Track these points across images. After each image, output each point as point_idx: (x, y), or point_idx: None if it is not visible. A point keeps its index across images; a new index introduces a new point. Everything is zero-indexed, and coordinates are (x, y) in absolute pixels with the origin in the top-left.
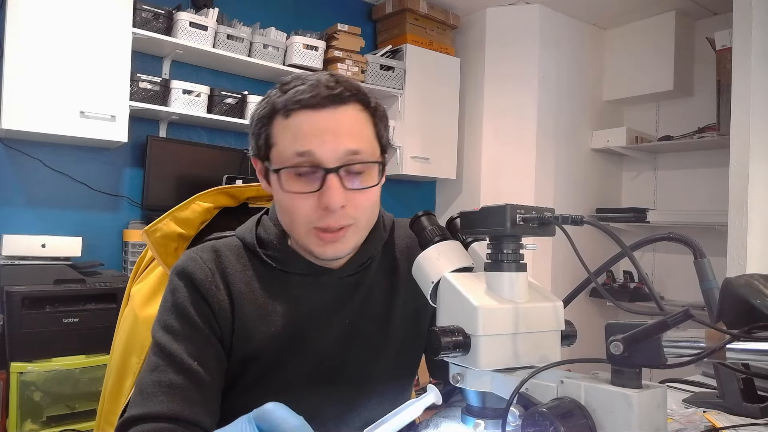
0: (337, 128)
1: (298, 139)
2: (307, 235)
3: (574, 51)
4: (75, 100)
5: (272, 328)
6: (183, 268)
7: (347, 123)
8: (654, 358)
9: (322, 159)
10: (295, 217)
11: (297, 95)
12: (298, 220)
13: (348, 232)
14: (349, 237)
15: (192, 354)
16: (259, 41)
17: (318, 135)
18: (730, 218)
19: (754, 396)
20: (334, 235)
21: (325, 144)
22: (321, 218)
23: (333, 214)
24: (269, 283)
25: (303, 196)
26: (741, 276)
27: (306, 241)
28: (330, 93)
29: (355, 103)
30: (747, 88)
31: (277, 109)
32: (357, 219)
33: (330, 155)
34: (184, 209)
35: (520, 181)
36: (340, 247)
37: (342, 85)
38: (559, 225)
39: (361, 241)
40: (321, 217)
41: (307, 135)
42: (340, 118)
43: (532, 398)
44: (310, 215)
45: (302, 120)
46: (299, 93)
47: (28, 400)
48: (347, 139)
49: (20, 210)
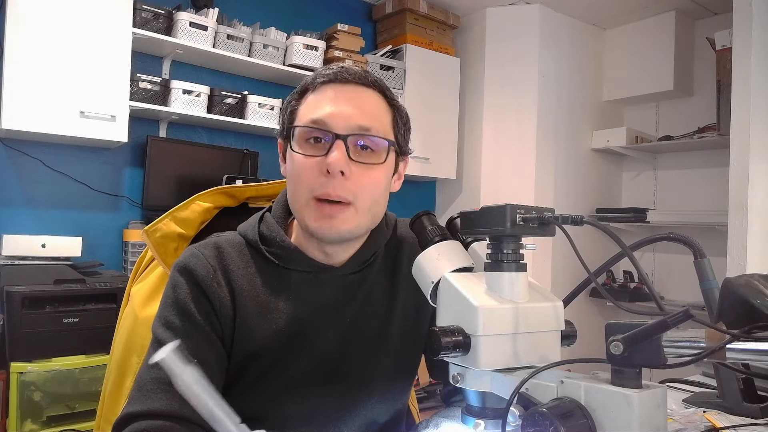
0: (355, 102)
1: (316, 107)
2: (306, 207)
3: (574, 51)
4: (75, 100)
5: (274, 325)
6: (185, 264)
7: (367, 101)
8: (654, 358)
9: (333, 125)
10: (298, 183)
11: (327, 71)
12: (300, 187)
13: (346, 211)
14: (347, 217)
15: (192, 351)
16: (259, 41)
17: (335, 104)
18: (730, 218)
19: (754, 396)
20: (331, 208)
21: (341, 113)
22: (322, 185)
23: (332, 180)
24: (271, 280)
25: (309, 160)
26: (741, 276)
27: (305, 213)
28: (357, 73)
29: (378, 92)
30: (747, 88)
31: (307, 86)
32: (356, 198)
33: (342, 123)
34: (183, 209)
35: (520, 181)
36: (337, 224)
37: (370, 75)
38: (559, 225)
39: (361, 226)
40: (322, 184)
41: (325, 103)
42: (362, 96)
43: (532, 398)
44: (312, 181)
45: (325, 90)
46: (330, 70)
47: (28, 400)
48: (363, 115)
49: (20, 210)
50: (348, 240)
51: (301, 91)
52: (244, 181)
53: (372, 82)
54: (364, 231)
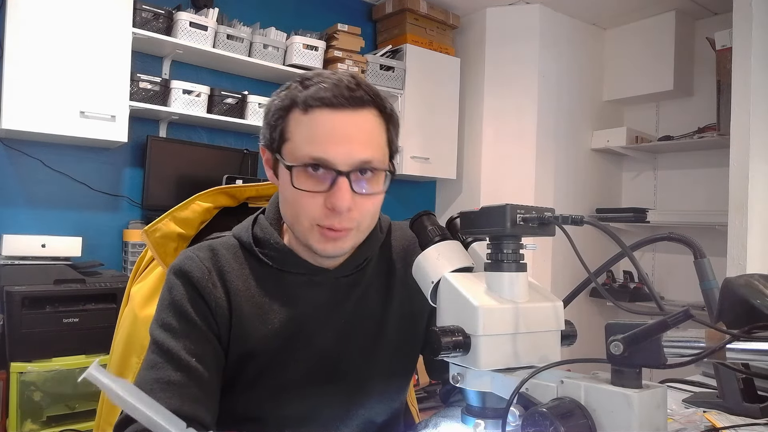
0: (353, 134)
1: (315, 142)
2: (309, 231)
3: (574, 51)
4: (75, 100)
5: (269, 326)
6: (180, 267)
7: (364, 129)
8: (654, 358)
9: (335, 163)
10: (301, 213)
11: (319, 92)
12: (302, 216)
13: (350, 234)
14: (350, 238)
15: (190, 351)
16: (259, 41)
17: (334, 140)
18: (730, 218)
19: (754, 396)
20: (336, 234)
21: (341, 149)
22: (326, 217)
23: (339, 215)
24: (266, 282)
25: (312, 195)
26: (741, 276)
27: (307, 236)
28: (351, 95)
29: (373, 108)
30: (747, 88)
31: (296, 102)
32: (360, 223)
33: (343, 160)
34: (183, 209)
35: (520, 181)
36: (340, 245)
37: (362, 89)
38: (559, 225)
39: (360, 241)
40: (326, 216)
41: (323, 138)
42: (358, 122)
43: (532, 398)
44: (315, 213)
45: (320, 119)
46: (321, 90)
47: (28, 400)
48: (362, 147)
49: (20, 210)
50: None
51: (288, 107)
52: (244, 181)
53: (366, 101)
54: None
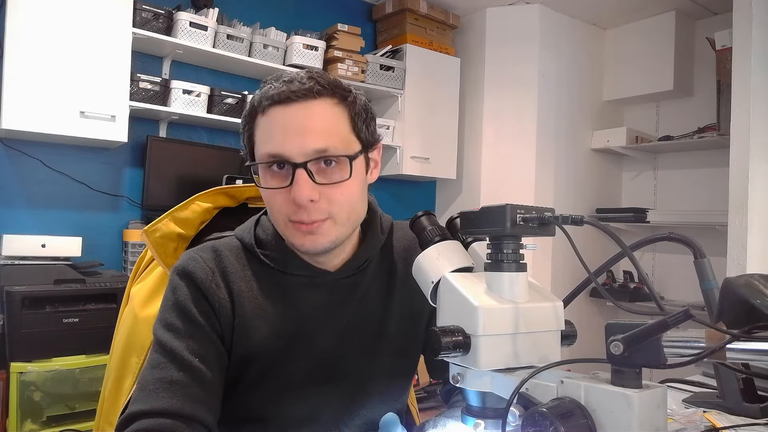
0: (305, 124)
1: (270, 138)
2: (285, 228)
3: (574, 51)
4: (75, 100)
5: (271, 327)
6: (183, 268)
7: (318, 119)
8: (654, 358)
9: (290, 155)
10: (273, 211)
11: (269, 91)
12: (275, 214)
13: (324, 225)
14: (327, 230)
15: (193, 351)
16: (259, 41)
17: (287, 133)
18: (730, 218)
19: (754, 396)
20: (308, 227)
21: (293, 141)
22: (294, 212)
23: (304, 209)
24: (268, 283)
25: (277, 192)
26: (741, 276)
27: (286, 233)
28: (301, 87)
29: (329, 97)
30: (747, 88)
31: (255, 107)
32: (333, 213)
33: (297, 151)
34: (183, 209)
35: (520, 181)
36: (319, 239)
37: (315, 80)
38: (559, 225)
39: (342, 235)
40: (294, 211)
41: (276, 133)
42: (311, 114)
43: (532, 398)
44: (285, 209)
45: (274, 116)
46: (272, 89)
47: (28, 400)
48: (316, 137)
49: (20, 210)
50: (334, 249)
51: (251, 113)
52: (244, 181)
53: (318, 92)
54: (346, 237)
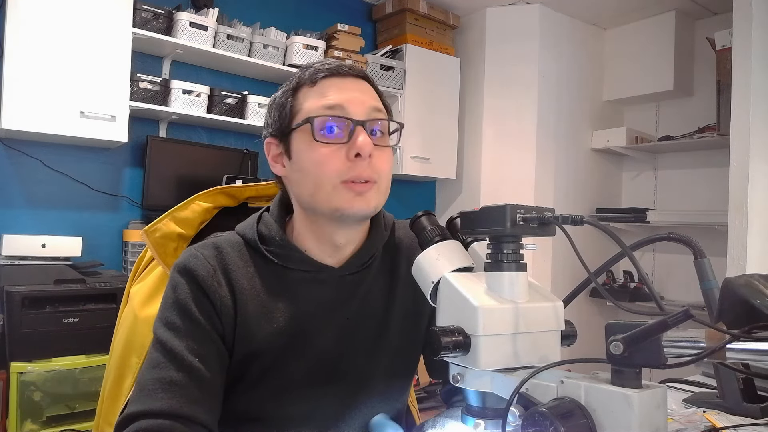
0: (361, 90)
1: (327, 97)
2: (334, 191)
3: (574, 51)
4: (75, 100)
5: (274, 324)
6: (185, 265)
7: (368, 92)
8: (654, 358)
9: (351, 112)
10: (323, 173)
11: (323, 66)
12: (325, 176)
13: (372, 189)
14: (372, 195)
15: (193, 351)
16: (259, 41)
17: (346, 93)
18: (730, 218)
19: (754, 396)
20: (362, 186)
21: (354, 99)
22: (350, 168)
23: (362, 162)
24: (270, 279)
25: (332, 148)
26: (741, 276)
27: (332, 198)
28: (351, 68)
29: (371, 85)
30: (747, 88)
31: (302, 81)
32: (379, 177)
33: (358, 109)
34: (183, 209)
35: (520, 181)
36: (366, 201)
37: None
38: (559, 225)
39: (380, 205)
40: (350, 168)
41: (335, 92)
42: (363, 87)
43: (532, 398)
44: (339, 167)
45: (330, 83)
46: (324, 65)
47: (28, 400)
48: (371, 99)
49: (20, 210)
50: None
51: (295, 87)
52: (244, 181)
53: (366, 76)
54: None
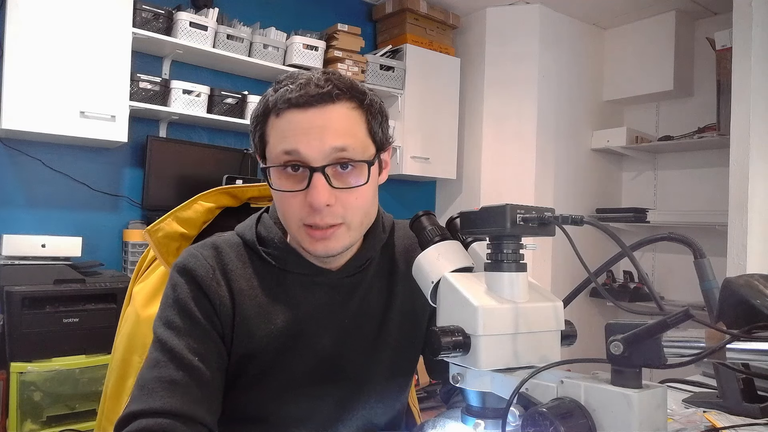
0: (324, 126)
1: (286, 138)
2: (298, 232)
3: (574, 51)
4: (75, 100)
5: (272, 326)
6: (184, 265)
7: (336, 121)
8: (654, 358)
9: (307, 157)
10: (286, 214)
11: (286, 94)
12: (288, 217)
13: (338, 231)
14: (340, 236)
15: (193, 350)
16: (259, 41)
17: (304, 133)
18: (730, 218)
19: (754, 396)
20: (323, 233)
21: (311, 142)
22: (309, 215)
23: (319, 212)
24: (269, 281)
25: (292, 195)
26: (741, 276)
27: (298, 237)
28: (319, 92)
29: (346, 101)
30: (747, 88)
31: (269, 108)
32: (347, 219)
33: (316, 153)
34: (186, 209)
35: (520, 181)
36: (331, 245)
37: (333, 83)
38: (559, 225)
39: (354, 240)
40: (308, 214)
41: (293, 134)
42: (329, 117)
43: (532, 398)
44: (299, 212)
45: (290, 119)
46: (288, 92)
47: (28, 400)
48: (334, 136)
49: (20, 210)
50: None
51: (264, 112)
52: (244, 181)
53: (336, 95)
54: (356, 241)
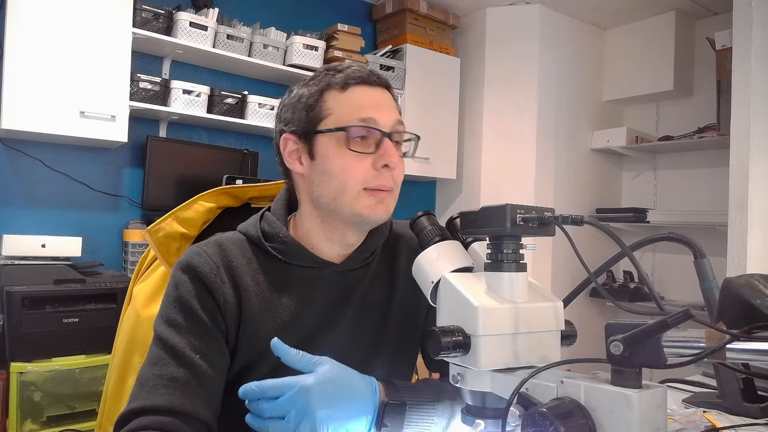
0: (388, 103)
1: (361, 108)
2: (357, 198)
3: (574, 51)
4: (75, 100)
5: (278, 320)
6: (188, 263)
7: (392, 101)
8: (654, 358)
9: (380, 123)
10: (349, 179)
11: (354, 73)
12: (351, 182)
13: (390, 197)
14: (390, 202)
15: (195, 348)
16: (259, 41)
17: (377, 105)
18: (730, 218)
19: (754, 396)
20: (384, 194)
21: (384, 112)
22: (375, 177)
23: (386, 173)
24: (274, 276)
25: (360, 157)
26: (741, 276)
27: (356, 203)
28: (379, 77)
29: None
30: (747, 88)
31: (331, 84)
32: (397, 186)
33: (387, 120)
34: (186, 209)
35: (520, 181)
36: (386, 207)
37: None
38: (559, 225)
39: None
40: (375, 176)
41: (368, 105)
42: (390, 97)
43: (532, 398)
44: (365, 175)
45: (361, 93)
46: (356, 72)
47: (28, 400)
48: (396, 112)
49: (20, 210)
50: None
51: (324, 88)
52: (244, 181)
53: (386, 85)
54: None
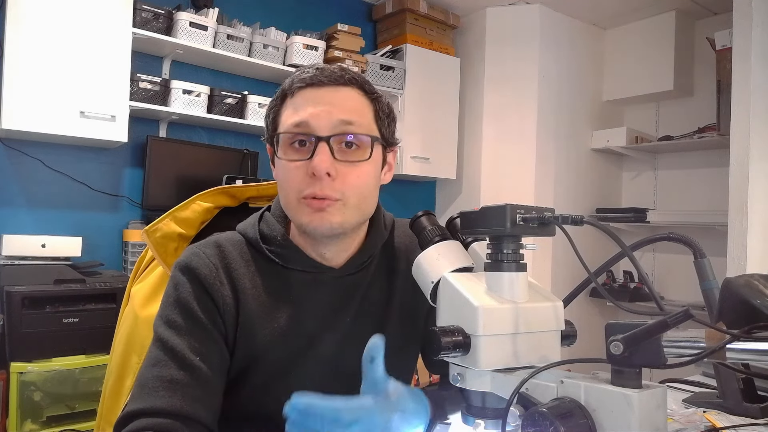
0: (333, 102)
1: (297, 112)
2: (297, 206)
3: (574, 51)
4: (75, 100)
5: (276, 324)
6: (186, 264)
7: (346, 100)
8: (654, 358)
9: (315, 128)
10: (287, 187)
11: (301, 75)
12: (289, 191)
13: (334, 205)
14: (335, 212)
15: (194, 349)
16: (259, 41)
17: (314, 107)
18: (730, 218)
19: (754, 396)
20: (319, 203)
21: (320, 114)
22: (308, 186)
23: (319, 181)
24: (272, 279)
25: (295, 165)
26: (741, 276)
27: (296, 213)
28: (332, 74)
29: (357, 87)
30: (747, 88)
31: (285, 91)
32: (345, 195)
33: (323, 124)
34: (184, 209)
35: (520, 181)
36: (326, 217)
37: (345, 71)
38: (559, 225)
39: (348, 221)
40: (308, 184)
41: (304, 107)
42: (340, 96)
43: (532, 398)
44: (299, 183)
45: (304, 96)
46: (303, 74)
47: (28, 400)
48: (342, 111)
49: (20, 210)
50: (339, 234)
51: (281, 96)
52: (244, 181)
53: (348, 80)
54: (353, 225)
